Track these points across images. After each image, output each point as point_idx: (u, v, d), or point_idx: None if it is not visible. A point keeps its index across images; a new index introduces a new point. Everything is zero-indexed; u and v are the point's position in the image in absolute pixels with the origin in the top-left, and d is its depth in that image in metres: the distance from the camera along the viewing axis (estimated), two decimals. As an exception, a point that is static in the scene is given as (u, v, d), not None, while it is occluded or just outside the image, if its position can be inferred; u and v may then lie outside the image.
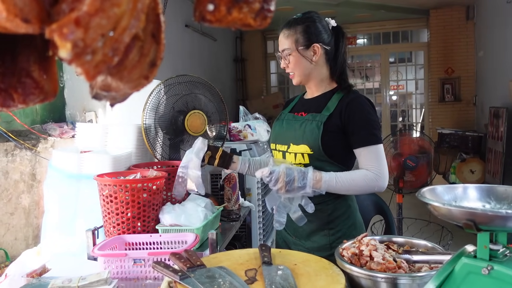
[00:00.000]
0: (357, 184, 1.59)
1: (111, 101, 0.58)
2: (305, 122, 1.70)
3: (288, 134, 1.73)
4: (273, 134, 1.85)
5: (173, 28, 5.11)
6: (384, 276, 1.07)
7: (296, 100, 1.90)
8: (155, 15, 0.51)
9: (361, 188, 1.61)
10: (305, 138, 1.66)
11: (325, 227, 1.70)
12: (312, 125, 1.67)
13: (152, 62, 0.52)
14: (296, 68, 1.74)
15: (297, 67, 1.73)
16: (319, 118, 1.67)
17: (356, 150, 1.65)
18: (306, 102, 1.82)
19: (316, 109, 1.73)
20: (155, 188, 1.70)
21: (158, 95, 2.22)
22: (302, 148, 1.66)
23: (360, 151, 1.63)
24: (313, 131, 1.65)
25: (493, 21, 6.18)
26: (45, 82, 0.52)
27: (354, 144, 1.64)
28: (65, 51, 0.38)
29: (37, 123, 2.70)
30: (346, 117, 1.64)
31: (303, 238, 1.75)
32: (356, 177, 1.60)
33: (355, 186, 1.59)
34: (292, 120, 1.77)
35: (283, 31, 1.75)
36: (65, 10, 0.41)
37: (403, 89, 8.82)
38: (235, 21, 0.49)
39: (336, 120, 1.65)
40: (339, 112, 1.66)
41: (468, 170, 6.14)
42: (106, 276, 1.30)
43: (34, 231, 2.49)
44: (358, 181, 1.59)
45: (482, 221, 0.82)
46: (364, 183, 1.59)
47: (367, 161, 1.62)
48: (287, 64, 1.75)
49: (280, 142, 1.76)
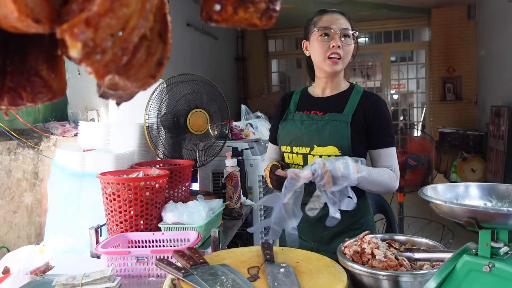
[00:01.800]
0: (384, 181, 1.56)
1: (117, 99, 0.59)
2: (329, 123, 1.62)
3: (309, 135, 1.63)
4: (286, 136, 1.70)
5: (174, 27, 5.09)
6: (386, 273, 1.08)
7: (297, 98, 1.78)
8: (162, 15, 0.52)
9: (386, 186, 1.57)
10: (333, 139, 1.59)
11: (350, 228, 1.64)
12: (339, 125, 1.61)
13: (159, 61, 0.53)
14: (347, 55, 1.63)
15: (347, 54, 1.63)
16: (343, 118, 1.62)
17: (374, 150, 1.63)
18: (319, 101, 1.71)
19: (336, 108, 1.66)
20: (157, 186, 1.71)
21: (161, 94, 2.23)
22: (329, 149, 1.59)
23: (380, 152, 1.62)
24: (342, 132, 1.59)
25: (495, 20, 6.18)
26: (53, 81, 0.52)
27: (375, 144, 1.63)
28: (76, 51, 0.39)
29: (40, 122, 2.71)
30: (370, 117, 1.62)
31: (324, 243, 1.67)
32: (384, 174, 1.57)
33: (382, 183, 1.55)
34: (308, 120, 1.66)
35: (335, 12, 1.65)
36: (75, 10, 0.41)
37: (404, 88, 8.82)
38: (241, 21, 0.49)
39: (360, 120, 1.62)
40: (363, 111, 1.63)
41: (469, 169, 6.14)
42: (109, 274, 1.31)
43: (37, 229, 2.50)
44: (385, 179, 1.56)
45: (483, 219, 0.83)
46: (389, 181, 1.57)
47: (387, 162, 1.61)
48: (342, 45, 1.60)
49: (299, 144, 1.65)
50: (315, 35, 1.63)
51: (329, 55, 1.60)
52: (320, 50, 1.61)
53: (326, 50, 1.60)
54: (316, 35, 1.63)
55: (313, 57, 1.67)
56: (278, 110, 1.80)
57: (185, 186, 2.02)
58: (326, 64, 1.62)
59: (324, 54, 1.61)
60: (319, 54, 1.62)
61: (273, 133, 1.82)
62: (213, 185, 2.62)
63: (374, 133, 1.62)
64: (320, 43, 1.61)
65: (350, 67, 8.59)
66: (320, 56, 1.62)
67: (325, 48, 1.60)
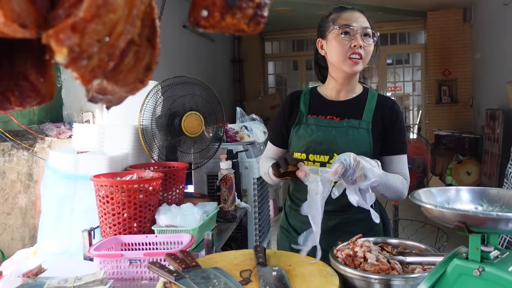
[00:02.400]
0: (398, 187, 1.50)
1: (107, 104, 0.59)
2: (350, 129, 1.55)
3: (328, 142, 1.54)
4: (301, 142, 1.59)
5: (170, 29, 5.12)
6: (378, 277, 1.08)
7: (307, 99, 1.67)
8: (150, 20, 0.52)
9: (399, 193, 1.52)
10: (355, 147, 1.49)
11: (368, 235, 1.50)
12: (361, 133, 1.54)
13: (147, 66, 0.53)
14: (367, 55, 1.54)
15: (368, 55, 1.54)
16: (363, 125, 1.55)
17: (387, 157, 1.58)
18: (335, 105, 1.63)
19: (354, 114, 1.59)
20: (151, 189, 1.71)
21: (155, 96, 2.23)
22: None
23: (393, 158, 1.58)
24: (363, 139, 1.53)
25: (490, 23, 6.21)
26: (42, 85, 0.52)
27: (389, 150, 1.58)
28: (62, 56, 0.39)
29: (34, 123, 2.71)
30: (388, 123, 1.58)
31: None
32: (399, 181, 1.51)
33: (396, 189, 1.49)
34: (326, 126, 1.57)
35: (354, 10, 1.57)
36: (62, 15, 0.41)
37: (401, 91, 8.85)
38: (229, 26, 0.50)
39: (379, 126, 1.57)
40: (381, 117, 1.58)
41: (465, 171, 6.17)
42: (102, 277, 1.31)
43: (31, 231, 2.49)
44: (399, 185, 1.51)
45: (473, 223, 0.83)
46: (401, 188, 1.52)
47: (399, 170, 1.57)
48: (363, 45, 1.52)
49: (317, 152, 1.54)
50: (334, 33, 1.54)
51: (350, 55, 1.51)
52: (340, 49, 1.52)
53: (347, 50, 1.51)
54: (335, 33, 1.53)
55: (330, 56, 1.57)
56: (285, 110, 1.69)
57: (179, 188, 2.02)
58: (346, 65, 1.52)
59: (344, 54, 1.51)
60: (338, 53, 1.52)
61: (278, 134, 1.72)
62: (208, 187, 2.62)
63: (389, 139, 1.58)
64: (341, 41, 1.52)
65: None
66: (340, 56, 1.52)
67: (345, 48, 1.51)
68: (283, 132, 1.69)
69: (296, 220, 1.70)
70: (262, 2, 0.50)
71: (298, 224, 1.68)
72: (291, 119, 1.66)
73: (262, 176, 1.76)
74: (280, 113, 1.72)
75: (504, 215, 0.80)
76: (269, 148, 1.78)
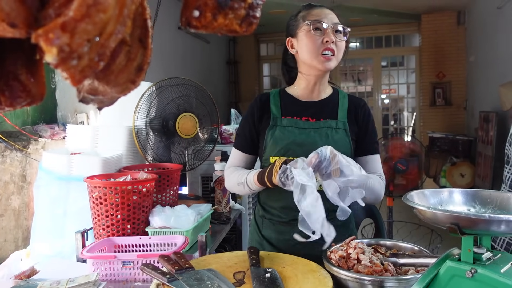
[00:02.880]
0: (375, 189, 1.47)
1: (98, 104, 0.59)
2: (329, 130, 1.51)
3: (308, 145, 1.46)
4: (277, 145, 1.51)
5: (165, 31, 5.11)
6: (371, 279, 1.08)
7: (277, 100, 1.60)
8: (142, 20, 0.52)
9: (377, 194, 1.49)
10: (337, 149, 1.39)
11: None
12: (339, 133, 1.51)
13: (139, 67, 0.53)
14: (340, 51, 1.50)
15: (340, 51, 1.51)
16: (340, 125, 1.53)
17: (362, 157, 1.55)
18: (309, 105, 1.57)
19: (329, 114, 1.55)
20: (145, 190, 1.70)
21: (150, 98, 2.23)
22: None
23: (368, 158, 1.56)
24: (343, 140, 1.51)
25: (484, 27, 6.25)
26: (32, 85, 0.52)
27: (363, 151, 1.56)
28: (51, 56, 0.39)
29: (28, 124, 2.69)
30: (361, 123, 1.56)
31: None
32: (376, 182, 1.49)
33: (374, 190, 1.47)
34: (304, 127, 1.52)
35: (323, 7, 1.53)
36: (52, 15, 0.41)
37: (395, 93, 8.87)
38: (221, 27, 0.50)
39: (353, 126, 1.55)
40: (354, 117, 1.56)
41: (458, 173, 6.19)
42: (94, 278, 1.30)
43: (24, 233, 2.47)
44: (377, 187, 1.49)
45: (465, 225, 0.83)
46: (379, 189, 1.50)
47: (375, 170, 1.55)
48: (335, 40, 1.48)
49: (296, 154, 1.43)
50: (304, 30, 1.49)
51: (322, 51, 1.46)
52: (312, 46, 1.47)
53: (319, 46, 1.46)
54: (306, 30, 1.49)
55: (302, 54, 1.52)
56: (255, 113, 1.59)
57: (173, 190, 2.02)
58: (319, 61, 1.47)
59: (317, 50, 1.47)
60: (310, 50, 1.48)
61: (246, 139, 1.60)
62: (202, 189, 2.62)
63: (362, 139, 1.56)
64: (312, 37, 1.47)
65: (341, 72, 8.64)
66: (312, 52, 1.47)
67: (317, 44, 1.46)
68: (252, 136, 1.59)
69: (271, 231, 1.58)
70: (254, 2, 0.50)
71: (274, 235, 1.57)
72: (262, 122, 1.57)
73: (231, 188, 1.61)
74: (247, 117, 1.61)
75: (496, 217, 0.81)
76: (236, 156, 1.63)
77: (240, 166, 1.61)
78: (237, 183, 1.53)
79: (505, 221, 0.80)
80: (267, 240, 1.58)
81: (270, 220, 1.59)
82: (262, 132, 1.57)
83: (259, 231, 1.62)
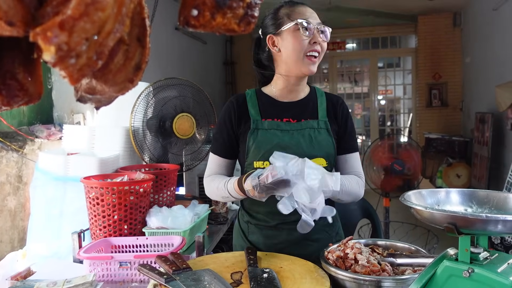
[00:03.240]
0: (352, 190, 1.44)
1: (96, 104, 0.58)
2: (311, 131, 1.47)
3: (294, 147, 1.43)
4: (261, 149, 1.44)
5: (162, 31, 5.11)
6: (368, 279, 1.08)
7: (254, 102, 1.54)
8: (140, 19, 0.52)
9: (355, 195, 1.46)
10: (321, 149, 1.45)
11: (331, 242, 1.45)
12: (322, 134, 1.47)
13: (137, 66, 0.53)
14: (323, 53, 1.46)
15: (323, 52, 1.46)
16: (322, 125, 1.49)
17: (342, 156, 1.52)
18: (289, 106, 1.52)
19: (310, 114, 1.51)
20: (142, 190, 1.70)
21: (147, 98, 2.22)
22: (317, 162, 1.39)
23: (347, 157, 1.52)
24: (326, 140, 1.47)
25: (480, 28, 6.27)
26: (29, 84, 0.52)
27: (343, 149, 1.52)
28: (49, 54, 0.39)
29: (24, 125, 2.68)
30: (340, 121, 1.53)
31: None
32: (353, 182, 1.45)
33: (351, 192, 1.44)
34: (287, 130, 1.47)
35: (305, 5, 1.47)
36: (50, 13, 0.41)
37: (392, 94, 8.89)
38: (219, 26, 0.50)
39: (334, 125, 1.51)
40: (334, 116, 1.53)
41: (455, 174, 6.21)
42: (91, 279, 1.30)
43: (20, 234, 2.46)
44: (354, 187, 1.45)
45: (463, 224, 0.83)
46: (357, 189, 1.46)
47: (354, 168, 1.52)
48: (321, 41, 1.43)
49: None
50: (290, 29, 1.41)
51: (308, 52, 1.41)
52: (299, 46, 1.40)
53: (306, 47, 1.40)
54: (292, 29, 1.41)
55: (286, 54, 1.44)
56: (233, 116, 1.52)
57: (170, 190, 2.01)
58: (304, 63, 1.42)
59: (303, 51, 1.41)
60: (296, 51, 1.41)
61: (224, 144, 1.53)
62: (199, 189, 2.61)
63: (342, 138, 1.52)
64: (299, 38, 1.40)
65: (338, 73, 8.64)
66: (298, 53, 1.41)
67: (304, 44, 1.40)
68: (231, 141, 1.52)
69: (259, 236, 1.53)
70: (252, 2, 0.50)
71: (261, 240, 1.52)
72: (241, 126, 1.51)
73: (213, 195, 1.53)
74: (224, 120, 1.53)
75: (493, 217, 0.81)
76: (214, 162, 1.55)
77: (219, 172, 1.54)
78: (217, 190, 1.46)
79: (502, 221, 0.81)
80: (254, 245, 1.52)
81: (256, 225, 1.54)
82: (242, 136, 1.50)
83: (245, 237, 1.57)
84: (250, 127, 1.48)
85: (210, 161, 1.57)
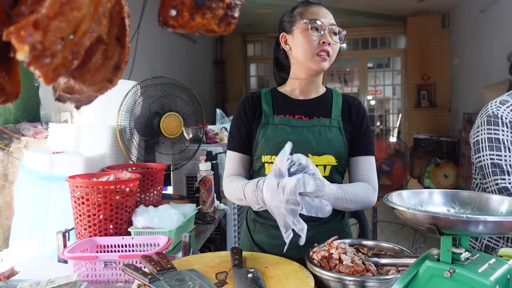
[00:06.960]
0: (358, 197, 1.39)
1: (76, 103, 0.58)
2: (322, 128, 1.46)
3: (302, 143, 1.42)
4: (269, 144, 1.46)
5: (152, 30, 5.08)
6: (352, 279, 1.09)
7: (268, 99, 1.55)
8: (119, 18, 0.51)
9: (363, 202, 1.41)
10: (331, 147, 1.43)
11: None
12: (333, 132, 1.46)
13: (116, 66, 0.52)
14: (334, 53, 1.47)
15: (334, 53, 1.48)
16: (334, 123, 1.48)
17: (354, 158, 1.50)
18: (302, 104, 1.53)
19: (323, 112, 1.51)
20: (128, 190, 1.69)
21: (134, 97, 2.21)
22: (325, 159, 1.42)
23: (359, 160, 1.49)
24: (337, 138, 1.46)
25: (468, 30, 6.33)
26: (6, 83, 0.51)
27: (355, 151, 1.50)
28: (23, 54, 0.38)
29: (10, 123, 2.65)
30: (355, 122, 1.51)
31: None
32: (359, 190, 1.40)
33: (357, 200, 1.38)
34: (297, 126, 1.48)
35: (321, 6, 1.48)
36: (25, 12, 0.41)
37: (381, 94, 8.94)
38: (199, 26, 0.49)
39: (347, 125, 1.50)
40: (348, 115, 1.52)
41: (442, 174, 6.27)
42: (75, 279, 1.29)
43: (5, 233, 2.44)
44: (361, 195, 1.40)
45: (444, 225, 0.84)
46: (366, 196, 1.41)
47: (366, 172, 1.48)
48: (331, 42, 1.44)
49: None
50: (301, 28, 1.44)
51: (319, 52, 1.43)
52: (308, 45, 1.43)
53: (315, 47, 1.43)
54: (302, 28, 1.44)
55: (296, 52, 1.48)
56: (248, 111, 1.54)
57: (157, 190, 2.00)
58: (314, 61, 1.44)
59: (313, 51, 1.43)
60: (306, 49, 1.44)
61: (240, 139, 1.54)
62: (187, 189, 2.60)
63: (355, 139, 1.50)
64: (309, 37, 1.43)
65: (328, 73, 8.67)
66: (308, 52, 1.44)
67: (314, 44, 1.43)
68: (248, 135, 1.54)
69: (264, 235, 1.53)
70: (232, 2, 0.50)
71: (266, 240, 1.52)
72: (254, 121, 1.53)
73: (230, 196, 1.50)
74: (241, 115, 1.55)
75: (473, 218, 0.82)
76: (232, 159, 1.55)
77: (238, 170, 1.54)
78: (236, 197, 1.44)
79: (482, 222, 0.81)
80: (259, 245, 1.53)
81: (262, 224, 1.54)
82: (254, 131, 1.52)
83: (251, 236, 1.57)
84: (261, 122, 1.51)
85: (228, 160, 1.57)
